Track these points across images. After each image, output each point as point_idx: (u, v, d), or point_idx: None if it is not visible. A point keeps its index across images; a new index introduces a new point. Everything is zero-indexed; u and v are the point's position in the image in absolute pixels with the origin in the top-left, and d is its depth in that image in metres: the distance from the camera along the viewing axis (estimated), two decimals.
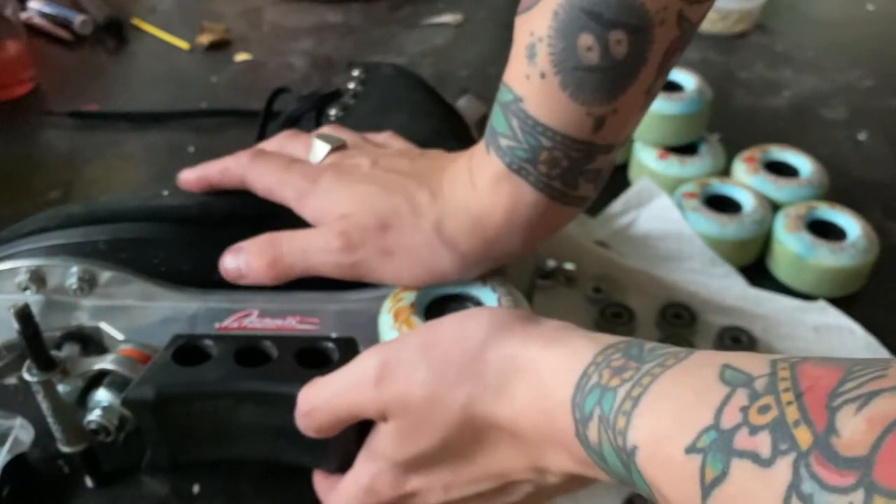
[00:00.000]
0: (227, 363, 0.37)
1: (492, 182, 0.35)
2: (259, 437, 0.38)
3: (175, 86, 0.80)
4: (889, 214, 0.62)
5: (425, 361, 0.30)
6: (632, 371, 0.25)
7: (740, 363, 0.23)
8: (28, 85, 0.77)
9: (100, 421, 0.38)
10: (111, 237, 0.41)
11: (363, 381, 0.31)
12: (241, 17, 0.93)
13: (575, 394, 0.26)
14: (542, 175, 0.34)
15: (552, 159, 0.33)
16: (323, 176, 0.38)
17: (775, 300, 0.53)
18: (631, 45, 0.30)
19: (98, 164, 0.67)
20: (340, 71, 0.79)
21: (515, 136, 0.33)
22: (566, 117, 0.32)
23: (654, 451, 0.23)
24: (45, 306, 0.41)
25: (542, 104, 0.32)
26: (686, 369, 0.24)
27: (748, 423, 0.21)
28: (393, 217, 0.36)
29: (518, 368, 0.29)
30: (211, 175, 0.42)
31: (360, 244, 0.36)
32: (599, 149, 0.33)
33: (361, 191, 0.37)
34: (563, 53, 0.31)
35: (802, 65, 0.84)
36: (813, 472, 0.19)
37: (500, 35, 0.92)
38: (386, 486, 0.33)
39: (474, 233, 0.35)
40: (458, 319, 0.32)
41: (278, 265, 0.38)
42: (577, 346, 0.28)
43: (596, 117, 0.32)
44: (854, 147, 0.71)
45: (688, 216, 0.57)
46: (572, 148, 0.33)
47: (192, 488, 0.42)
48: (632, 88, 0.32)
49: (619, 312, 0.51)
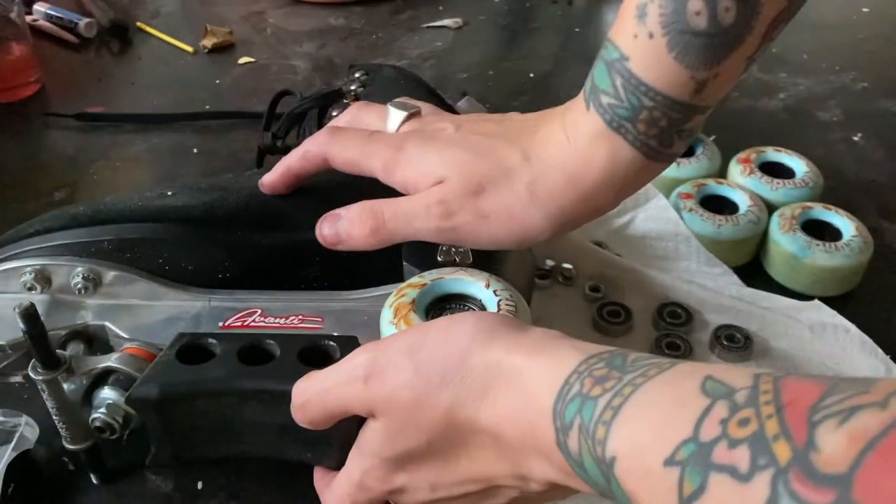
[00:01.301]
0: (231, 361, 0.37)
1: (590, 139, 0.35)
2: (262, 434, 0.38)
3: (179, 88, 0.81)
4: (883, 214, 0.62)
5: (412, 364, 0.30)
6: (614, 381, 0.25)
7: (723, 375, 0.23)
8: (34, 87, 0.78)
9: (104, 418, 0.39)
10: (116, 237, 0.41)
11: (352, 377, 0.32)
12: (245, 20, 0.94)
13: (556, 402, 0.26)
14: (640, 134, 0.34)
15: (652, 119, 0.34)
16: (408, 143, 0.38)
17: (770, 300, 0.53)
18: (739, 13, 0.31)
19: (103, 166, 0.68)
20: (342, 73, 0.80)
21: (618, 94, 0.34)
22: (670, 79, 0.33)
23: (633, 462, 0.23)
24: (50, 306, 0.41)
25: (648, 65, 0.33)
26: (668, 380, 0.24)
27: (727, 436, 0.20)
28: (486, 180, 0.36)
29: (501, 375, 0.28)
30: (293, 164, 0.41)
31: (459, 209, 0.36)
32: (697, 110, 0.34)
33: (451, 155, 0.37)
34: (672, 16, 0.31)
35: (797, 67, 0.84)
36: (791, 489, 0.18)
37: (499, 38, 0.93)
38: (375, 482, 0.33)
39: (569, 190, 0.36)
40: (445, 323, 0.31)
41: (381, 232, 0.38)
42: (561, 355, 0.28)
43: (698, 81, 0.32)
44: (848, 148, 0.72)
45: (684, 217, 0.58)
46: (672, 109, 0.33)
47: (196, 485, 0.42)
48: (735, 55, 0.32)
49: (616, 312, 0.51)
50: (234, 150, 0.70)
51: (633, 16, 0.33)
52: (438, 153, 0.37)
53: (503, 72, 0.84)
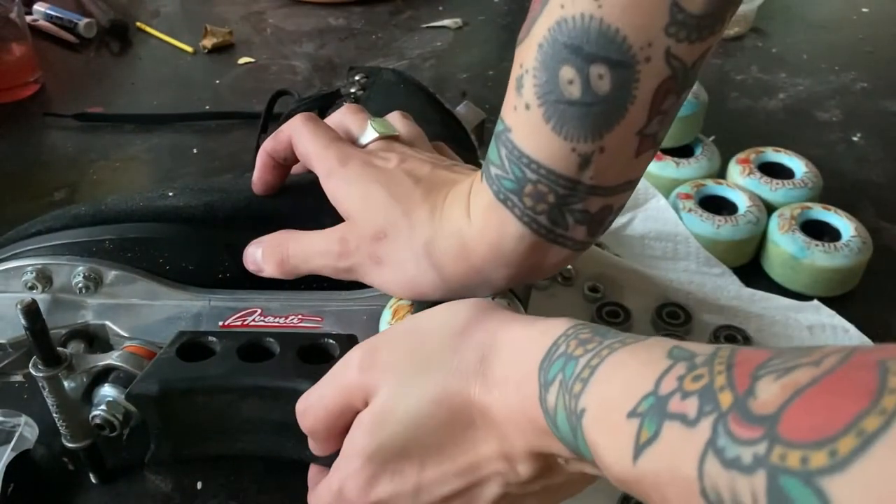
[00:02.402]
0: (231, 359, 0.37)
1: (483, 210, 0.35)
2: (261, 432, 0.39)
3: (179, 88, 0.81)
4: (882, 215, 0.62)
5: (407, 343, 0.32)
6: (595, 344, 0.27)
7: (690, 346, 0.25)
8: (34, 87, 0.78)
9: (105, 416, 0.39)
10: (117, 237, 0.41)
11: (348, 367, 0.33)
12: (244, 20, 0.94)
13: (543, 360, 0.28)
14: (527, 208, 0.33)
15: (537, 193, 0.33)
16: (352, 162, 0.38)
17: (770, 300, 0.54)
18: (613, 80, 0.29)
19: (103, 166, 0.68)
20: (342, 74, 0.80)
21: (503, 165, 0.33)
22: (550, 150, 0.32)
23: (600, 414, 0.25)
24: (51, 305, 0.41)
25: (527, 136, 0.32)
26: (641, 346, 0.26)
27: (682, 389, 0.23)
28: (390, 228, 0.36)
29: (495, 344, 0.30)
30: (267, 146, 0.42)
31: (356, 250, 0.37)
32: (588, 189, 0.32)
33: (371, 192, 0.37)
34: (546, 86, 0.31)
35: (797, 67, 0.84)
36: (728, 429, 0.20)
37: (499, 38, 0.93)
38: (355, 491, 0.33)
39: (460, 258, 0.35)
40: (442, 306, 0.33)
41: (285, 266, 0.40)
42: (553, 323, 0.30)
43: (581, 154, 0.31)
44: (848, 148, 0.72)
45: (683, 217, 0.58)
46: (557, 184, 0.32)
47: (196, 485, 0.42)
48: (619, 127, 0.31)
49: (615, 312, 0.51)
50: (233, 150, 0.70)
51: (514, 88, 0.32)
52: (362, 185, 0.37)
53: (503, 72, 0.84)
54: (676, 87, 0.31)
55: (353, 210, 0.38)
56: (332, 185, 0.39)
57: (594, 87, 0.30)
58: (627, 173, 0.33)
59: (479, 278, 0.36)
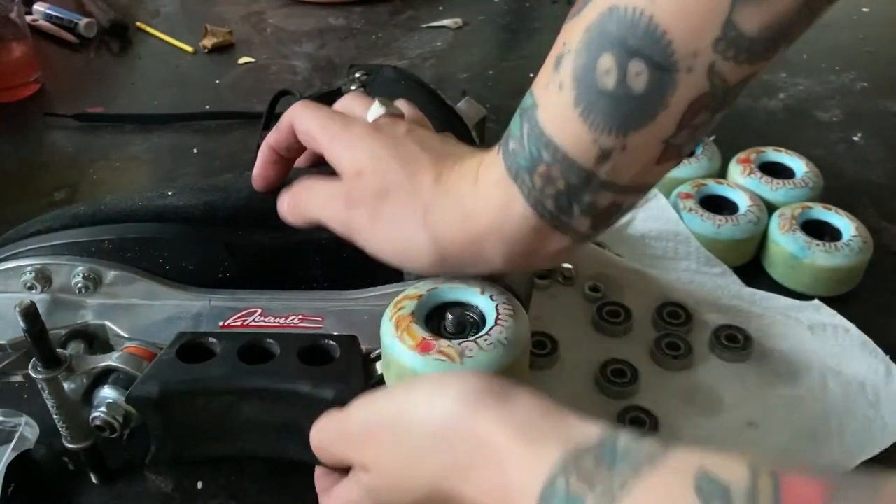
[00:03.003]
0: (231, 360, 0.37)
1: (491, 182, 0.34)
2: (262, 433, 0.39)
3: (179, 88, 0.81)
4: (883, 214, 0.62)
5: (398, 432, 0.31)
6: (603, 477, 0.24)
7: (718, 469, 0.22)
8: (34, 87, 0.78)
9: (105, 417, 0.39)
10: (117, 237, 0.41)
11: (348, 435, 0.34)
12: (244, 20, 0.94)
13: (541, 499, 0.25)
14: (535, 189, 0.33)
15: (548, 175, 0.32)
16: (356, 127, 0.38)
17: (770, 299, 0.53)
18: (650, 81, 0.29)
19: (103, 166, 0.68)
20: (342, 73, 0.80)
21: (521, 141, 0.33)
22: (572, 136, 0.31)
23: None
24: (50, 305, 0.41)
25: (553, 116, 0.32)
26: (659, 478, 0.23)
27: None
28: (395, 186, 0.36)
29: (484, 454, 0.28)
30: (269, 139, 0.42)
31: (359, 203, 0.37)
32: (601, 183, 0.32)
33: (379, 151, 0.37)
34: (583, 69, 0.30)
35: (797, 67, 0.84)
36: None
37: (499, 38, 0.93)
38: None
39: (460, 229, 0.35)
40: (428, 389, 0.31)
41: (297, 210, 0.40)
42: (545, 446, 0.27)
43: (602, 147, 0.31)
44: (848, 148, 0.72)
45: (684, 217, 0.58)
46: (571, 171, 0.32)
47: (196, 485, 0.42)
48: (645, 130, 0.30)
49: (615, 312, 0.51)
50: (233, 150, 0.70)
51: (552, 66, 0.32)
52: (370, 146, 0.37)
53: (503, 72, 0.84)
54: (712, 104, 0.30)
55: (360, 166, 0.37)
56: (336, 149, 0.38)
57: (629, 82, 0.29)
58: (644, 177, 0.33)
59: (475, 253, 0.35)
